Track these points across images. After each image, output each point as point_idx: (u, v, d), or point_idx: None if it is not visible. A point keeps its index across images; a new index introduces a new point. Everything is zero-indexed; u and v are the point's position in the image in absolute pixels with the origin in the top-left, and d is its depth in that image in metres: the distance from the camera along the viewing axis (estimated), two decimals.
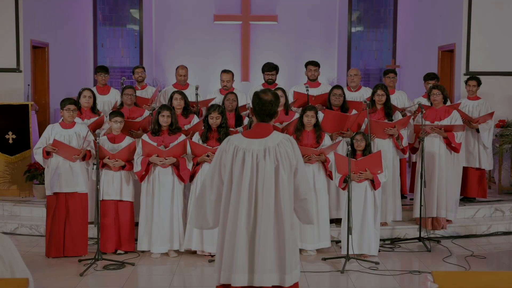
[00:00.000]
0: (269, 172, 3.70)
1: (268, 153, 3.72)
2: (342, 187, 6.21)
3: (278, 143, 3.75)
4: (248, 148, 3.74)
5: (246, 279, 3.70)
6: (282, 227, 3.71)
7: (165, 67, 12.10)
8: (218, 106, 6.37)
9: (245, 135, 3.83)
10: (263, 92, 3.81)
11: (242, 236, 3.69)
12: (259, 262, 3.68)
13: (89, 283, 5.55)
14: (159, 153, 6.18)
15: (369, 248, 6.23)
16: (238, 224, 3.69)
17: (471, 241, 7.07)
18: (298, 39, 12.24)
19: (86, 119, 6.99)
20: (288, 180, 3.73)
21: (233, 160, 3.75)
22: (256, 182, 3.71)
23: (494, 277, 2.78)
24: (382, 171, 6.21)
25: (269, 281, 3.70)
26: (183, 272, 5.90)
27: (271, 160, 3.71)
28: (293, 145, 3.79)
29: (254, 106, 3.81)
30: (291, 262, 3.75)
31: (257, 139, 3.77)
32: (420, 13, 11.17)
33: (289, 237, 3.73)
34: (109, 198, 6.36)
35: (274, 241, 3.70)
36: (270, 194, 3.69)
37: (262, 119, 3.80)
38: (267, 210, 3.68)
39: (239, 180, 3.72)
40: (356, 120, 6.89)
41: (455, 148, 6.98)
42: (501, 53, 9.03)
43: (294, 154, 3.76)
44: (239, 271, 3.69)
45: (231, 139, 3.83)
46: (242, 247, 3.69)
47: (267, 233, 3.68)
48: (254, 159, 3.72)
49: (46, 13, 9.69)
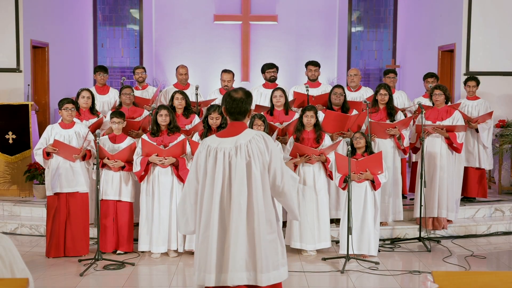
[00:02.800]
0: (241, 169, 3.65)
1: (239, 150, 3.68)
2: (342, 187, 6.21)
3: (250, 139, 3.70)
4: (220, 147, 3.71)
5: (216, 278, 3.63)
6: (254, 224, 3.63)
7: (165, 67, 12.10)
8: (217, 106, 6.37)
9: (218, 135, 3.81)
10: (234, 91, 3.78)
11: (213, 235, 3.64)
12: (229, 261, 3.62)
13: (89, 283, 5.55)
14: (159, 152, 6.18)
15: (368, 248, 6.23)
16: (211, 223, 3.65)
17: (471, 241, 7.07)
18: (298, 39, 12.24)
19: (85, 120, 6.98)
20: (261, 176, 3.67)
21: (206, 160, 3.72)
22: (229, 180, 3.68)
23: (494, 277, 2.77)
24: (383, 172, 6.21)
25: (240, 280, 3.63)
26: (183, 272, 5.90)
27: (242, 156, 3.67)
28: (266, 141, 3.71)
29: (226, 105, 3.77)
30: (269, 261, 3.65)
31: (229, 138, 3.73)
32: (420, 13, 11.17)
33: (265, 236, 3.64)
34: (108, 198, 6.36)
35: (246, 239, 3.63)
36: (242, 191, 3.64)
37: (235, 117, 3.76)
38: (238, 208, 3.63)
39: (211, 179, 3.69)
40: (356, 120, 6.89)
41: (457, 148, 6.98)
42: (501, 53, 9.03)
43: (267, 150, 3.69)
44: (211, 270, 3.64)
45: (205, 140, 3.81)
46: (213, 247, 3.64)
47: (238, 231, 3.62)
48: (226, 157, 3.69)
49: (46, 13, 9.69)
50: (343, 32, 12.40)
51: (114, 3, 12.43)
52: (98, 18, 12.36)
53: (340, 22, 12.33)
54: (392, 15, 12.54)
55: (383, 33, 12.66)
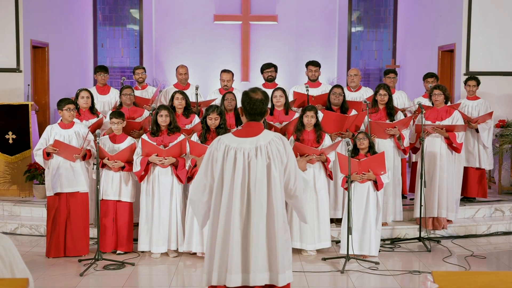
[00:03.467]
0: (261, 170, 3.68)
1: (259, 151, 3.69)
2: (345, 187, 6.20)
3: (270, 141, 3.72)
4: (239, 147, 3.72)
5: (240, 279, 3.67)
6: (274, 225, 3.68)
7: (165, 67, 12.10)
8: (216, 107, 6.37)
9: (236, 134, 3.81)
10: (253, 91, 3.78)
11: (235, 236, 3.66)
12: (252, 262, 3.65)
13: (89, 283, 5.55)
14: (159, 152, 6.18)
15: (369, 248, 6.23)
16: (231, 224, 3.66)
17: (471, 241, 7.07)
18: (298, 39, 12.24)
19: (85, 120, 6.98)
20: (279, 177, 3.70)
21: (224, 159, 3.72)
22: (248, 181, 3.69)
23: (494, 277, 2.78)
24: (386, 172, 6.20)
25: (262, 280, 3.68)
26: (182, 272, 5.90)
27: (263, 158, 3.69)
28: (284, 143, 3.76)
29: (245, 105, 3.77)
30: (284, 261, 3.71)
31: (248, 138, 3.74)
32: (420, 13, 11.17)
33: (282, 237, 3.70)
34: (108, 198, 6.36)
35: (265, 240, 3.67)
36: (262, 193, 3.67)
37: (253, 118, 3.78)
38: (260, 209, 3.66)
39: (231, 179, 3.69)
40: (355, 121, 6.89)
41: (456, 148, 6.98)
42: (501, 53, 9.03)
43: (285, 152, 3.74)
44: (234, 271, 3.66)
45: (221, 138, 3.81)
46: (236, 247, 3.66)
47: (259, 232, 3.66)
48: (246, 157, 3.70)
49: (46, 13, 9.69)
50: (343, 32, 12.40)
51: (114, 3, 12.43)
52: (98, 18, 12.36)
53: (340, 22, 12.33)
54: (392, 15, 12.54)
55: (383, 33, 12.65)
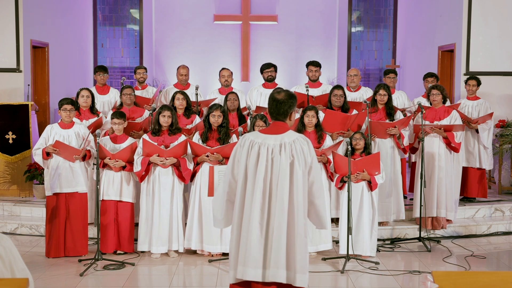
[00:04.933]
0: (284, 167, 3.72)
1: (283, 148, 3.75)
2: (339, 187, 6.22)
3: (294, 139, 3.79)
4: (264, 142, 3.78)
5: (260, 274, 3.70)
6: (294, 223, 3.70)
7: (165, 67, 12.10)
8: (220, 105, 6.39)
9: (262, 131, 3.88)
10: (277, 92, 3.86)
11: (255, 231, 3.69)
12: (272, 258, 3.68)
13: (89, 283, 5.55)
14: (160, 152, 6.17)
15: (363, 249, 6.21)
16: (252, 219, 3.69)
17: (471, 241, 7.08)
18: (298, 39, 12.24)
19: (85, 120, 6.99)
20: (302, 176, 3.74)
21: (248, 154, 3.78)
22: (271, 177, 3.73)
23: (494, 277, 2.78)
24: (380, 173, 6.20)
25: (282, 277, 3.70)
26: (183, 272, 5.90)
27: (287, 155, 3.73)
28: (309, 144, 3.82)
29: (268, 105, 3.87)
30: (303, 263, 3.73)
31: (273, 135, 3.81)
32: (420, 13, 11.17)
33: (302, 239, 3.72)
34: (109, 198, 6.35)
35: (286, 237, 3.69)
36: (284, 189, 3.70)
37: (275, 117, 3.84)
38: (281, 205, 3.68)
39: (253, 174, 3.74)
40: (356, 120, 6.89)
41: (455, 148, 6.98)
42: (501, 53, 9.03)
43: (309, 152, 3.79)
44: (252, 265, 3.69)
45: (247, 135, 3.89)
46: (255, 242, 3.68)
47: (281, 228, 3.68)
48: (270, 153, 3.75)
49: (46, 13, 9.69)
50: (343, 32, 12.40)
51: (114, 3, 12.43)
52: (98, 18, 12.36)
53: (340, 22, 12.33)
54: (392, 15, 12.54)
55: (383, 33, 12.65)
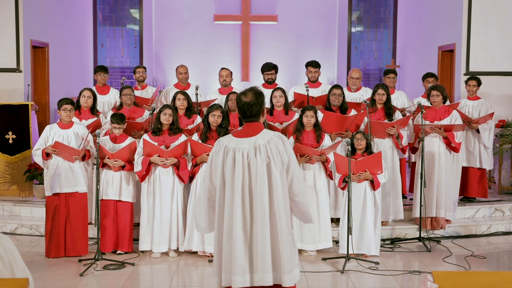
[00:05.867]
0: (261, 170, 3.66)
1: (258, 150, 3.67)
2: (342, 187, 6.21)
3: (269, 140, 3.70)
4: (238, 147, 3.70)
5: (247, 279, 3.67)
6: (277, 225, 3.66)
7: (165, 67, 12.10)
8: (219, 105, 6.39)
9: (235, 135, 3.80)
10: (243, 94, 3.75)
11: (239, 237, 3.64)
12: (258, 262, 3.65)
13: (89, 283, 5.55)
14: (161, 153, 6.17)
15: (368, 248, 6.23)
16: (234, 225, 3.65)
17: (471, 241, 7.08)
18: (298, 39, 12.24)
19: (84, 120, 6.98)
20: (280, 177, 3.67)
21: (224, 160, 3.71)
22: (249, 181, 3.67)
23: (494, 277, 2.78)
24: (382, 172, 6.20)
25: (269, 280, 3.66)
26: (183, 272, 5.90)
27: (262, 157, 3.66)
28: (284, 142, 3.72)
29: (238, 109, 3.77)
30: (290, 262, 3.70)
31: (247, 138, 3.72)
32: (420, 13, 11.17)
33: (286, 237, 3.68)
34: (108, 198, 6.35)
35: (270, 240, 3.66)
36: (263, 192, 3.64)
37: (248, 120, 3.76)
38: (262, 208, 3.64)
39: (231, 180, 3.68)
40: (355, 120, 6.89)
41: (455, 148, 6.97)
42: (501, 53, 9.03)
43: (285, 151, 3.71)
44: (239, 272, 3.65)
45: (221, 140, 3.80)
46: (240, 248, 3.65)
47: (264, 232, 3.64)
48: (245, 157, 3.68)
49: (46, 13, 9.69)
50: (343, 32, 12.40)
51: (114, 3, 12.43)
52: (98, 18, 12.36)
53: (340, 22, 12.34)
54: (392, 15, 12.54)
55: (383, 33, 12.65)
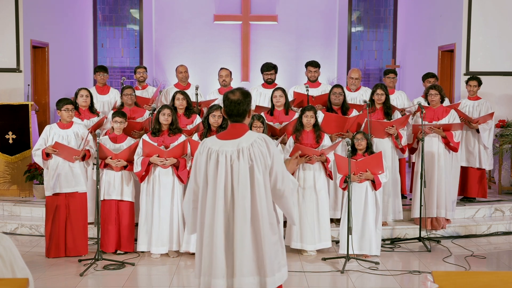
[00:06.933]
0: (244, 173, 3.61)
1: (241, 153, 3.62)
2: (343, 187, 6.20)
3: (252, 142, 3.64)
4: (221, 149, 3.65)
5: (225, 284, 3.61)
6: (259, 229, 3.60)
7: (165, 67, 12.10)
8: (220, 106, 6.39)
9: (219, 136, 3.74)
10: (231, 92, 3.71)
11: (219, 240, 3.60)
12: (237, 266, 3.58)
13: (89, 283, 5.55)
14: (160, 153, 6.17)
15: (369, 248, 6.23)
16: (215, 227, 3.61)
17: (471, 241, 7.08)
18: (298, 39, 12.24)
19: (86, 120, 6.99)
20: (263, 180, 3.63)
21: (207, 162, 3.67)
22: (232, 184, 3.63)
23: (494, 277, 2.78)
24: (383, 172, 6.20)
25: (248, 285, 3.60)
26: (182, 272, 5.91)
27: (245, 160, 3.61)
28: (267, 144, 3.66)
29: (224, 107, 3.73)
30: (273, 265, 3.64)
31: (231, 140, 3.67)
32: (420, 13, 11.17)
33: (269, 240, 3.62)
34: (110, 198, 6.35)
35: (251, 243, 3.60)
36: (245, 196, 3.59)
37: (234, 119, 3.71)
38: (243, 212, 3.59)
39: (213, 182, 3.64)
40: (356, 120, 6.89)
41: (454, 148, 6.97)
42: (501, 53, 9.03)
43: (268, 153, 3.64)
44: (218, 276, 3.60)
45: (205, 142, 3.75)
46: (220, 251, 3.60)
47: (244, 236, 3.58)
48: (228, 160, 3.63)
49: (46, 13, 9.69)
50: (343, 32, 12.40)
51: (114, 3, 12.43)
52: (98, 18, 12.36)
53: (340, 22, 12.33)
54: (392, 15, 12.54)
55: (383, 33, 12.65)
